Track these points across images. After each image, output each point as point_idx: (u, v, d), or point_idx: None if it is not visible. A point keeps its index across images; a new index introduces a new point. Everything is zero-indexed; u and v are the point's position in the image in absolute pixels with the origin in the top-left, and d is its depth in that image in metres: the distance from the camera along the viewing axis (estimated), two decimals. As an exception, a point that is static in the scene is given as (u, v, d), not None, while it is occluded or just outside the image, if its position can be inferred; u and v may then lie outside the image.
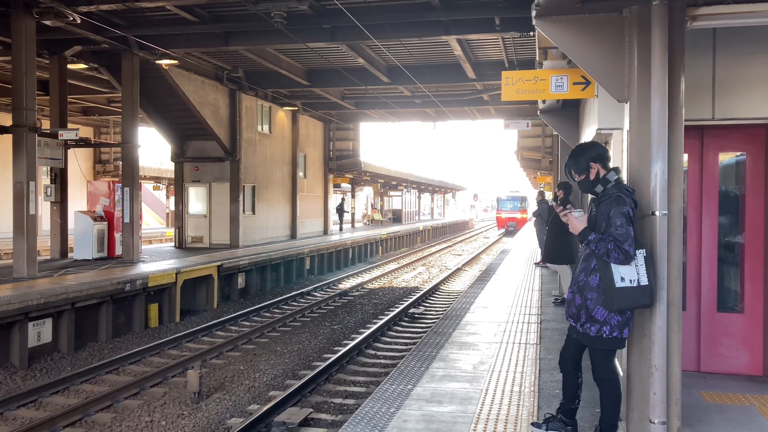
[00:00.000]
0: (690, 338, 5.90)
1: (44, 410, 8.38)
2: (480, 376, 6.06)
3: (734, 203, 6.03)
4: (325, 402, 8.45)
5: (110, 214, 16.95)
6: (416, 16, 13.66)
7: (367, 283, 20.39)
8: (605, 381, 4.22)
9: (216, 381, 9.55)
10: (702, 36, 5.13)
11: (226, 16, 14.34)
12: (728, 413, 4.99)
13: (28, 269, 12.93)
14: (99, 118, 29.15)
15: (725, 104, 5.37)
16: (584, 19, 4.41)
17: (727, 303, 6.02)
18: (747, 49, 5.29)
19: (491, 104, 24.87)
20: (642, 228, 4.18)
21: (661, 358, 4.13)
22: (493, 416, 4.92)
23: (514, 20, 13.30)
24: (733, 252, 6.06)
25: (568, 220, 4.27)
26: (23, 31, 12.77)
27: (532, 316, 9.11)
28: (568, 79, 6.22)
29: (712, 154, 5.96)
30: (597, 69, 4.50)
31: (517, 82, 6.47)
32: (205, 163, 21.12)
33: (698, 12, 4.21)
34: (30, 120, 13.04)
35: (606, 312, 4.03)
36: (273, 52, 17.97)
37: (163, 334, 12.99)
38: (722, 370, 5.95)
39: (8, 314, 10.00)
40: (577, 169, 4.33)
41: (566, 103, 10.15)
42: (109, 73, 17.18)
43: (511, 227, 47.63)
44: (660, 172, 4.11)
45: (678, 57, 4.18)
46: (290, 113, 25.75)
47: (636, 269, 3.95)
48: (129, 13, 13.91)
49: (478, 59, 18.69)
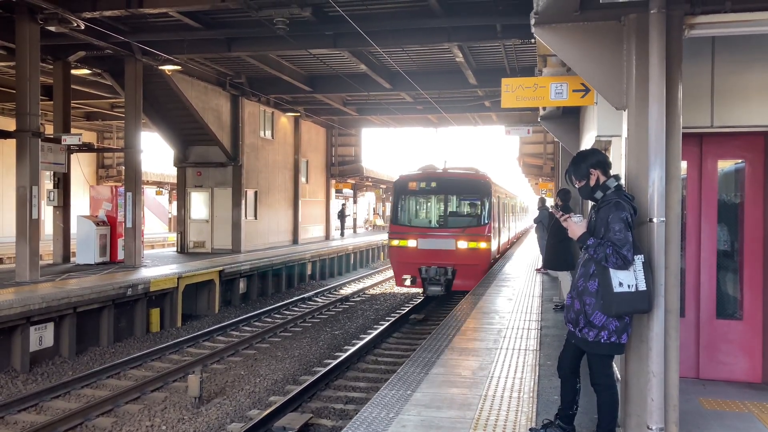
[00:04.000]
0: (689, 345, 5.91)
1: (45, 414, 8.40)
2: (479, 381, 6.07)
3: (733, 210, 6.05)
4: (325, 407, 8.46)
5: (113, 219, 16.99)
6: (418, 23, 13.72)
7: (368, 289, 20.40)
8: (603, 387, 4.24)
9: (217, 386, 9.56)
10: (701, 44, 5.16)
11: (228, 22, 14.41)
12: (727, 420, 4.99)
13: (30, 273, 12.96)
14: (102, 123, 29.26)
15: (724, 112, 5.39)
16: (583, 27, 4.44)
17: (726, 310, 6.03)
18: (746, 57, 5.32)
19: (493, 111, 24.92)
20: (640, 235, 4.20)
21: (658, 364, 4.15)
22: (492, 422, 4.93)
23: (515, 27, 13.34)
24: (732, 259, 6.07)
25: (567, 226, 4.29)
26: (27, 37, 12.85)
27: (532, 322, 9.11)
28: (568, 87, 6.25)
29: (710, 161, 5.98)
30: (595, 76, 4.53)
31: (517, 89, 6.50)
32: (208, 168, 21.18)
33: (696, 20, 4.24)
34: (33, 125, 13.11)
35: (604, 317, 4.05)
36: (275, 58, 18.04)
37: (164, 338, 13.01)
38: (721, 377, 5.96)
39: (10, 318, 10.03)
40: (578, 176, 4.36)
41: (566, 109, 10.18)
42: (112, 78, 17.25)
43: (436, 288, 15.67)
44: (658, 179, 4.14)
45: (676, 65, 4.21)
46: (292, 119, 25.82)
47: (634, 274, 3.97)
48: (132, 19, 13.99)
49: (480, 66, 18.74)
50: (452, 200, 16.82)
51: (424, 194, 16.98)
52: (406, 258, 15.77)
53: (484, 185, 16.28)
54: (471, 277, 14.95)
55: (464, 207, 17.12)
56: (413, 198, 17.15)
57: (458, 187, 16.55)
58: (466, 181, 16.65)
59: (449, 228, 15.85)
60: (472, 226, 15.85)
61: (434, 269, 15.45)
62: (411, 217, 17.00)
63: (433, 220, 16.92)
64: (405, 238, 15.86)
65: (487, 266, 15.65)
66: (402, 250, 15.87)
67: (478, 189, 16.31)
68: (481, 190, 16.24)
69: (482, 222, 15.85)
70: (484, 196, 16.11)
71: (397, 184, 16.82)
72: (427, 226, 16.58)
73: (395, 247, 16.02)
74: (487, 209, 16.00)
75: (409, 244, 15.79)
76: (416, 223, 16.81)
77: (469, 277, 14.96)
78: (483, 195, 16.14)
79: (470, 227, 15.83)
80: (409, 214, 17.03)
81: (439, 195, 16.72)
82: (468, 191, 16.58)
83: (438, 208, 17.02)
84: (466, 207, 17.08)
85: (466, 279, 15.08)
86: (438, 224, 16.42)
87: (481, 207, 16.14)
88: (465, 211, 16.99)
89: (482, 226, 15.71)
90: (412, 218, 17.02)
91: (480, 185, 16.33)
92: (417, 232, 15.96)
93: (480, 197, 16.20)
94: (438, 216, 16.81)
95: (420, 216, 17.40)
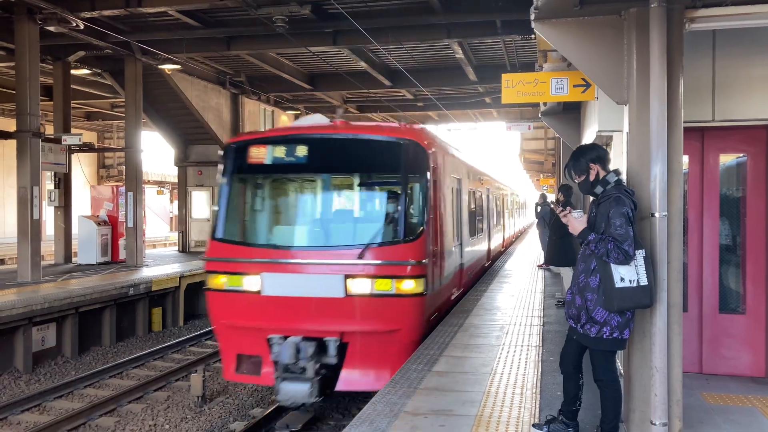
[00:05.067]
0: (692, 339, 5.89)
1: (48, 414, 8.41)
2: (481, 378, 6.06)
3: (735, 204, 6.03)
4: (327, 406, 8.46)
5: (114, 219, 17.01)
6: (417, 19, 13.69)
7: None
8: (606, 382, 4.22)
9: (219, 385, 9.56)
10: (702, 37, 5.14)
11: (227, 20, 14.39)
12: (730, 415, 4.98)
13: (32, 274, 12.97)
14: (102, 123, 29.27)
15: (725, 105, 5.37)
16: (583, 22, 4.42)
17: (729, 304, 6.01)
18: (747, 50, 5.30)
19: (493, 107, 24.89)
20: (642, 229, 4.19)
21: (661, 359, 4.13)
22: (495, 418, 4.92)
23: (515, 23, 13.31)
24: (734, 253, 6.05)
25: (567, 221, 4.28)
26: (27, 37, 12.85)
27: (534, 318, 9.10)
28: (568, 82, 6.24)
29: (712, 155, 5.96)
30: (596, 71, 4.52)
31: (518, 85, 6.49)
32: (209, 167, 21.16)
33: (696, 14, 4.22)
34: (34, 125, 13.11)
35: (606, 313, 4.04)
36: (275, 56, 18.03)
37: (166, 338, 13.02)
38: (724, 372, 5.94)
39: (12, 319, 10.04)
40: (577, 171, 4.34)
41: (567, 105, 10.16)
42: (112, 78, 17.26)
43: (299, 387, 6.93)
44: (659, 173, 4.12)
45: (677, 59, 4.19)
46: (293, 117, 25.78)
47: (635, 269, 3.95)
48: (132, 18, 13.98)
49: (480, 62, 18.71)
50: (340, 187, 8.72)
51: (281, 175, 8.47)
52: (238, 316, 7.53)
53: (412, 154, 7.74)
54: (380, 358, 7.30)
55: (369, 201, 8.52)
56: (258, 184, 8.47)
57: (354, 160, 7.96)
58: (372, 145, 7.86)
59: (332, 248, 7.59)
60: (384, 243, 7.45)
61: (298, 344, 7.11)
62: (250, 226, 8.52)
63: (298, 232, 8.34)
64: (237, 272, 7.49)
65: (421, 330, 7.66)
66: (230, 300, 7.54)
67: (399, 162, 7.74)
68: (405, 165, 7.73)
69: (408, 232, 7.47)
70: (414, 176, 7.74)
71: (227, 157, 8.09)
72: (286, 244, 7.86)
73: (216, 294, 7.61)
74: (419, 204, 7.71)
75: (246, 285, 7.41)
76: (261, 238, 8.34)
77: (377, 360, 7.31)
78: (411, 174, 7.73)
79: (380, 244, 7.42)
80: (246, 220, 8.50)
81: (313, 177, 8.56)
82: (376, 168, 8.12)
83: (309, 206, 8.91)
84: (373, 201, 8.45)
85: (370, 364, 7.33)
86: (308, 241, 8.05)
87: (406, 200, 7.59)
88: (370, 209, 8.43)
89: (407, 243, 7.42)
90: (253, 228, 8.54)
91: (403, 153, 7.74)
92: (263, 258, 7.49)
93: (403, 179, 7.71)
94: (309, 222, 8.53)
95: (270, 223, 8.58)
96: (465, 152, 12.62)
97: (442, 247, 8.38)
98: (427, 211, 7.64)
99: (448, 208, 9.01)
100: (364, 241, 7.36)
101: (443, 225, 8.54)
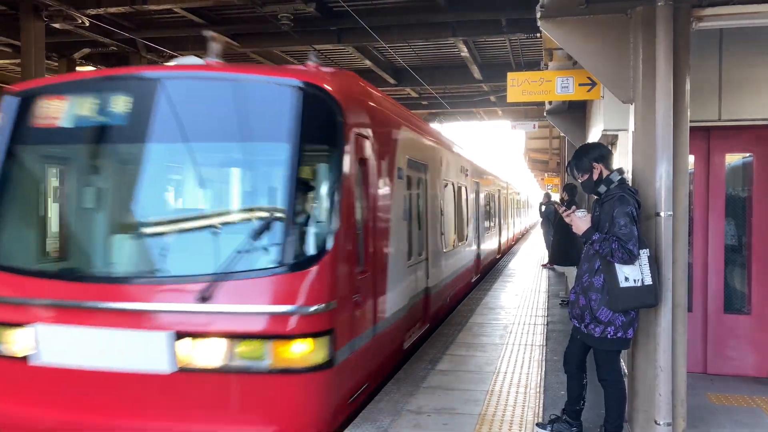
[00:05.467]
0: (696, 340, 5.88)
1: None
2: (485, 377, 6.06)
3: (741, 204, 6.01)
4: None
5: (118, 216, 16.97)
6: (423, 17, 13.67)
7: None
8: (610, 382, 4.21)
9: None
10: (708, 37, 5.12)
11: (233, 18, 14.40)
12: (735, 415, 4.97)
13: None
14: (107, 120, 29.32)
15: (732, 105, 5.36)
16: (589, 20, 4.41)
17: (734, 304, 5.99)
18: (754, 50, 5.28)
19: (498, 105, 24.83)
20: (647, 229, 4.17)
21: (666, 359, 4.12)
22: (498, 417, 4.92)
23: (520, 21, 13.28)
24: (739, 253, 6.03)
25: (571, 221, 4.26)
26: (32, 34, 12.87)
27: (538, 318, 9.10)
28: (574, 81, 6.23)
29: (718, 155, 5.94)
30: (602, 70, 4.51)
31: (523, 83, 6.48)
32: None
33: (703, 13, 4.20)
34: (39, 122, 13.12)
35: (610, 313, 4.03)
36: (280, 54, 18.02)
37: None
38: (729, 372, 5.92)
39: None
40: (580, 169, 4.33)
41: (572, 104, 10.13)
42: (117, 75, 17.28)
43: None
44: (665, 173, 4.11)
45: (683, 58, 4.17)
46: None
47: (640, 269, 3.94)
48: (137, 15, 14.00)
49: (485, 61, 18.67)
50: (180, 168, 4.90)
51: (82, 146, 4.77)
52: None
53: (313, 109, 4.34)
54: None
55: (230, 194, 5.00)
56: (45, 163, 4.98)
57: (207, 120, 4.50)
58: (244, 94, 4.54)
59: (154, 279, 4.22)
60: (254, 270, 4.06)
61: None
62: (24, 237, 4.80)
63: (101, 250, 4.69)
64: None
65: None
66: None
67: (287, 122, 4.25)
68: (300, 127, 4.24)
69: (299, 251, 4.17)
70: (317, 147, 4.48)
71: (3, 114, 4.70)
72: (79, 272, 4.44)
73: None
74: (326, 200, 4.35)
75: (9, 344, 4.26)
76: (38, 259, 4.87)
77: None
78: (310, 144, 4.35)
79: (245, 273, 4.04)
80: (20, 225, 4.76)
81: (132, 148, 4.63)
82: (246, 132, 4.49)
83: (124, 202, 4.74)
84: (236, 194, 4.90)
85: None
86: (115, 266, 4.51)
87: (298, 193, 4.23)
88: (231, 208, 4.90)
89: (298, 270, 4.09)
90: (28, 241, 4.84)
91: (294, 107, 4.29)
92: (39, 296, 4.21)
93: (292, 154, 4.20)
94: (120, 230, 4.68)
95: (66, 233, 4.89)
96: (439, 130, 9.86)
97: (378, 271, 5.35)
98: (339, 211, 4.31)
99: (396, 207, 6.01)
100: (214, 267, 4.08)
101: (382, 235, 5.53)
